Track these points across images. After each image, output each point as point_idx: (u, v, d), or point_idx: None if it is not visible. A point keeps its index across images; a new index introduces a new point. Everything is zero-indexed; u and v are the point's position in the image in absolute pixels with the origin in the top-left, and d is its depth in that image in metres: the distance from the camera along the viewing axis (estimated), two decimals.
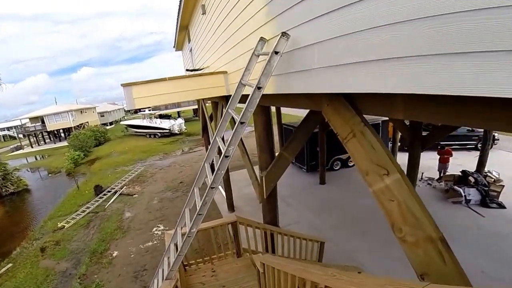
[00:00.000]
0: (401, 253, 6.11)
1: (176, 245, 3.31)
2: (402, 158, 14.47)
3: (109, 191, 15.56)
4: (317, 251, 6.42)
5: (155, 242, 9.75)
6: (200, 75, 5.23)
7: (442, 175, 12.32)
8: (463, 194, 10.45)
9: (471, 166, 11.79)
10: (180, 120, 37.47)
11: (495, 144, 15.72)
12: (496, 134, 15.20)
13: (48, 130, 42.53)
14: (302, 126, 5.13)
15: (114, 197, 14.77)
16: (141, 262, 8.71)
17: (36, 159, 34.10)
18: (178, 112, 47.72)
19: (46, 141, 44.98)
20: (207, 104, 11.28)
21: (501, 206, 9.96)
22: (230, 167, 10.33)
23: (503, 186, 10.89)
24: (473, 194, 10.41)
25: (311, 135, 12.64)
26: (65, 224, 12.42)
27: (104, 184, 16.73)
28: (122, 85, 4.58)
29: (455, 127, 7.70)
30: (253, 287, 4.42)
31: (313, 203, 10.85)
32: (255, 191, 5.62)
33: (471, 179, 11.14)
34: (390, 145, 15.52)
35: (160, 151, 25.62)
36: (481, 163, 12.15)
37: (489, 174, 11.88)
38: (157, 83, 4.74)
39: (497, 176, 11.77)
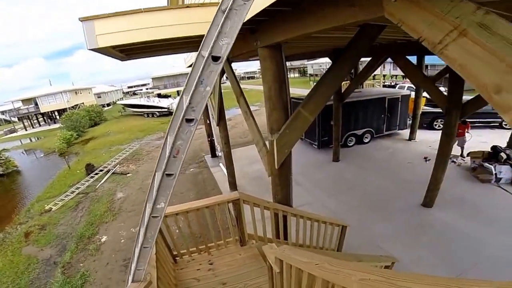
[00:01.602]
0: (430, 238, 5.73)
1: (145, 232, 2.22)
2: (423, 135, 13.90)
3: (101, 170, 14.59)
4: (337, 237, 5.37)
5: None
6: (188, 6, 3.97)
7: (462, 151, 11.31)
8: (493, 171, 9.45)
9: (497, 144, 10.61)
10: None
11: None
12: None
13: (41, 112, 41.44)
14: (329, 72, 3.93)
15: (106, 176, 13.81)
16: (132, 248, 7.64)
17: (31, 141, 33.13)
18: (178, 92, 46.34)
19: (41, 123, 43.88)
20: None
21: None
22: (232, 144, 9.28)
23: None
24: (505, 171, 9.43)
25: (324, 108, 11.50)
26: (53, 207, 11.56)
27: (97, 163, 15.73)
28: (80, 19, 3.37)
29: None
30: (262, 285, 3.36)
31: (326, 182, 9.80)
32: (263, 161, 4.49)
33: (503, 155, 10.10)
34: (409, 122, 14.38)
35: (158, 129, 24.52)
36: None
37: None
38: (128, 16, 3.54)
39: None
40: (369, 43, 3.69)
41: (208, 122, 13.47)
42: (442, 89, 20.71)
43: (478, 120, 14.20)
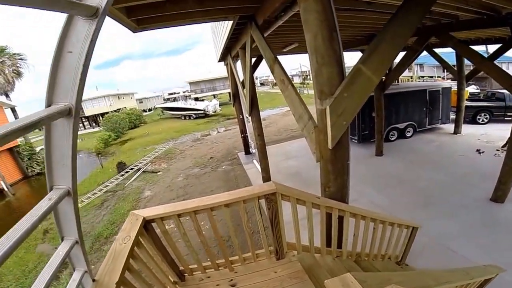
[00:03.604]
0: (505, 235, 3.41)
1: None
2: (468, 129, 11.89)
3: (131, 169, 13.71)
4: (404, 242, 3.76)
5: (171, 225, 7.51)
6: None
7: None
8: None
9: None
10: (215, 101, 35.62)
11: None
12: None
13: (86, 115, 42.03)
14: (392, 22, 2.49)
15: (137, 174, 12.87)
16: None
17: None
18: (214, 95, 45.94)
19: (86, 127, 44.83)
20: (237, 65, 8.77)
21: None
22: (266, 142, 7.94)
23: None
24: None
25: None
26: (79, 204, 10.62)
27: (129, 162, 14.93)
28: None
29: None
30: None
31: (371, 177, 8.08)
32: (309, 140, 3.02)
33: None
34: (452, 116, 12.43)
35: (193, 130, 23.67)
36: None
37: None
38: None
39: None
40: None
41: (241, 117, 12.15)
42: (474, 87, 18.56)
43: None
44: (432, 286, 1.51)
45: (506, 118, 12.55)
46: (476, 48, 7.53)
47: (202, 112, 31.78)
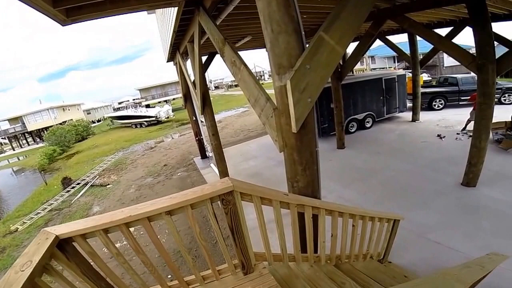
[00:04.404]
0: (491, 222, 3.82)
1: None
2: (425, 116, 12.32)
3: (78, 184, 12.42)
4: (386, 237, 3.49)
5: (124, 242, 6.67)
6: None
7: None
8: None
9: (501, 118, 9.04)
10: (167, 107, 34.35)
11: None
12: None
13: (29, 130, 38.54)
14: None
15: (84, 189, 11.65)
16: None
17: (18, 159, 30.51)
18: (166, 101, 44.38)
19: (30, 143, 40.75)
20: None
21: None
22: (222, 144, 7.46)
23: None
24: None
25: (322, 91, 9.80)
26: (19, 226, 9.46)
27: (76, 177, 13.55)
28: None
29: None
30: None
31: (336, 171, 7.88)
32: (268, 127, 2.58)
33: None
34: (409, 104, 13.06)
35: (146, 138, 22.40)
36: None
37: None
38: None
39: None
40: None
41: (194, 119, 11.44)
42: (426, 75, 19.85)
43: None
44: None
45: (460, 103, 13.36)
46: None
47: (154, 119, 30.55)
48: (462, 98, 13.40)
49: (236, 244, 2.08)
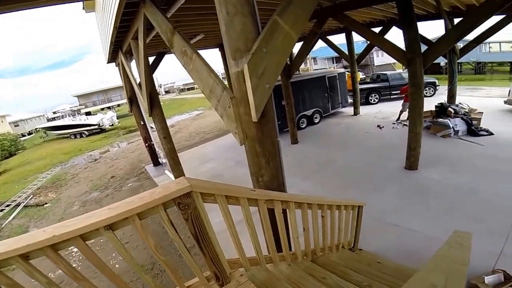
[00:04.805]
0: (438, 201, 4.93)
1: None
2: (364, 110, 13.23)
3: (8, 205, 10.67)
4: (353, 225, 3.43)
5: (80, 262, 5.80)
6: None
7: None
8: (451, 125, 8.90)
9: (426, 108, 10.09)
10: (111, 113, 31.20)
11: (437, 90, 15.26)
12: (436, 81, 15.16)
13: None
14: None
15: (16, 211, 10.04)
16: None
17: None
18: (110, 107, 40.76)
19: None
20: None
21: (489, 132, 8.57)
22: (177, 149, 6.95)
23: (482, 113, 9.81)
24: (459, 124, 9.02)
25: (275, 89, 9.84)
26: None
27: (5, 198, 11.65)
28: None
29: (459, 38, 5.35)
30: None
31: (294, 166, 7.85)
32: (225, 119, 2.30)
33: (451, 110, 9.63)
34: (350, 100, 13.82)
35: (88, 149, 20.27)
36: (452, 95, 11.00)
37: (461, 105, 10.43)
38: None
39: (468, 106, 10.42)
40: None
41: (142, 123, 10.49)
42: (361, 73, 21.41)
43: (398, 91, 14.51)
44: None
45: (391, 96, 14.70)
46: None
47: (96, 127, 27.39)
48: (393, 92, 14.78)
49: (204, 254, 1.74)
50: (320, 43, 12.56)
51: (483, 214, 4.65)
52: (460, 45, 10.03)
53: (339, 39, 12.69)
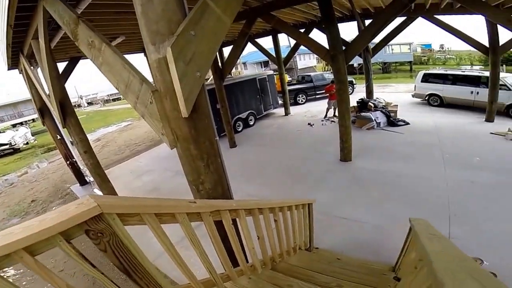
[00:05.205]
0: (378, 190, 5.18)
1: None
2: (294, 110, 13.68)
3: None
4: (307, 224, 3.23)
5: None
6: None
7: (334, 112, 11.42)
8: (373, 118, 9.75)
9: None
10: (24, 130, 26.41)
11: (355, 89, 16.89)
12: (354, 80, 16.74)
13: None
14: None
15: None
16: None
17: None
18: (22, 123, 34.85)
19: None
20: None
21: (406, 122, 9.69)
22: (105, 164, 5.98)
23: (397, 105, 11.14)
24: (380, 117, 9.96)
25: (208, 93, 9.34)
26: None
27: None
28: None
29: (373, 36, 5.79)
30: None
31: (236, 170, 7.34)
32: (149, 119, 1.82)
33: (371, 104, 10.57)
34: (281, 101, 14.10)
35: (1, 173, 16.81)
36: (370, 91, 11.92)
37: (378, 99, 11.50)
38: None
39: (385, 100, 11.55)
40: None
41: (59, 137, 8.88)
42: (287, 76, 22.45)
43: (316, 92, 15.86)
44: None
45: (317, 96, 15.59)
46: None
47: (7, 146, 23.23)
48: (317, 92, 15.73)
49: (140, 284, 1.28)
50: (249, 49, 12.63)
51: (419, 198, 4.94)
52: (371, 45, 10.98)
53: (266, 44, 12.86)
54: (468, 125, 8.83)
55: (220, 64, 8.82)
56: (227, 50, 11.96)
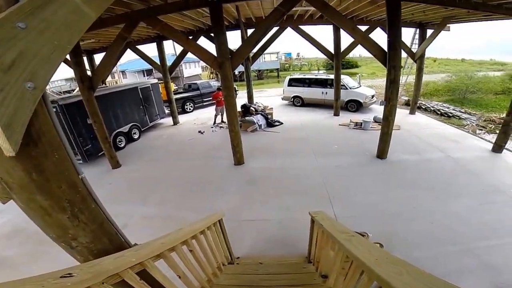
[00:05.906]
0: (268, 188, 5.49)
1: None
2: (183, 118, 13.14)
3: None
4: (222, 239, 2.86)
5: None
6: None
7: (222, 118, 11.65)
8: (255, 121, 10.35)
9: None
10: None
11: (237, 95, 17.65)
12: (236, 87, 17.08)
13: None
14: None
15: None
16: None
17: None
18: None
19: None
20: None
21: (280, 122, 10.82)
22: None
23: (272, 108, 12.33)
24: (261, 119, 10.67)
25: (71, 107, 7.48)
26: None
27: None
28: None
29: (256, 43, 6.03)
30: None
31: (124, 193, 6.11)
32: None
33: (253, 108, 11.23)
34: (167, 111, 13.11)
35: None
36: (250, 96, 12.72)
37: (257, 103, 12.29)
38: None
39: (263, 104, 12.40)
40: None
41: None
42: (173, 85, 21.51)
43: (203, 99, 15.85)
44: None
45: (204, 103, 15.36)
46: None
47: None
48: (204, 99, 15.52)
49: None
50: (129, 56, 11.07)
51: (305, 187, 5.38)
52: (251, 54, 11.49)
53: (150, 52, 11.53)
54: (323, 120, 10.87)
55: (90, 71, 7.32)
56: (99, 56, 10.23)
